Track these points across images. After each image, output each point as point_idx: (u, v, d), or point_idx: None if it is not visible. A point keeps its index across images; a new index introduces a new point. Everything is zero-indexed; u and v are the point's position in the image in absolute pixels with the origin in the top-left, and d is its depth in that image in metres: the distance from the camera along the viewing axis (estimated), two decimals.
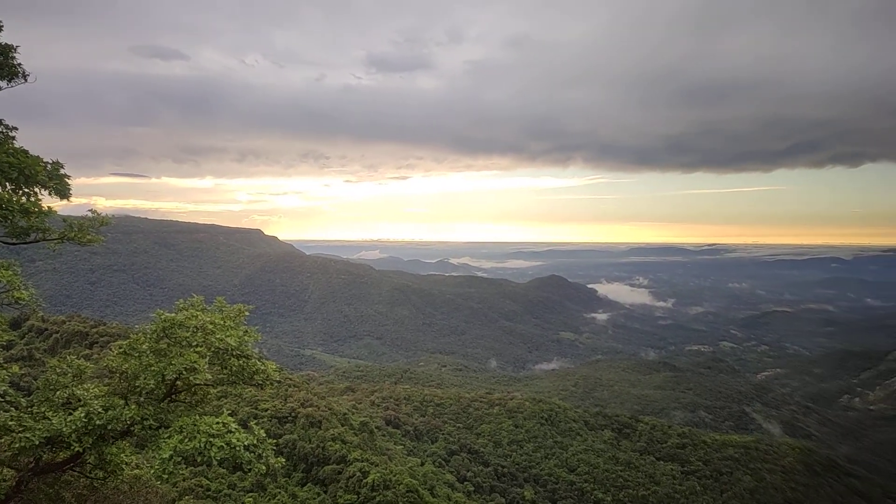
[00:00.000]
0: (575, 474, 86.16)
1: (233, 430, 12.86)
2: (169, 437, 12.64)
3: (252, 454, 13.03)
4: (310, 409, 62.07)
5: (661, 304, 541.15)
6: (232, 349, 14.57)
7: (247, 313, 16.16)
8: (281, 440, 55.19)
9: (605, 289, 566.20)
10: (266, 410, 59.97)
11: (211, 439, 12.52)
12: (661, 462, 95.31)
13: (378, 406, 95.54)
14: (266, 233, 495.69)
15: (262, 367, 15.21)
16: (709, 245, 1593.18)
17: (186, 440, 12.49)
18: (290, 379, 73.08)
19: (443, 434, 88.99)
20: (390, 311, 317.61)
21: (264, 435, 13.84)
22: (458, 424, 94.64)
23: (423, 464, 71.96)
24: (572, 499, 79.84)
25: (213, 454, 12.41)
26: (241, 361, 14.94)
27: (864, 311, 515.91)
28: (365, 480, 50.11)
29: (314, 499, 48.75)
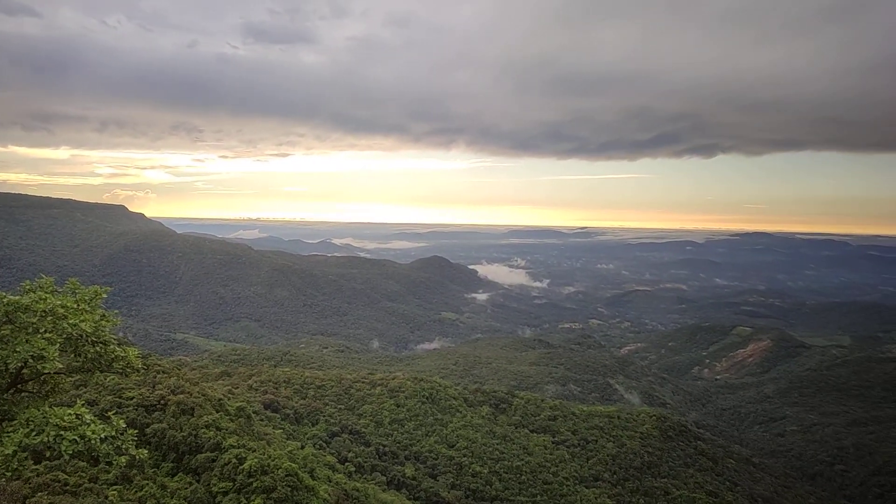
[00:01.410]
0: (454, 450, 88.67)
1: (87, 421, 11.89)
2: (13, 431, 11.50)
3: (110, 446, 12.14)
4: (181, 395, 58.91)
5: (537, 284, 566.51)
6: (87, 335, 13.42)
7: (104, 296, 14.96)
8: (148, 430, 52.01)
9: (485, 270, 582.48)
10: (131, 399, 56.12)
11: (62, 432, 11.51)
12: (535, 434, 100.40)
13: (256, 390, 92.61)
14: (131, 209, 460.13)
15: (123, 354, 14.17)
16: (581, 228, 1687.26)
17: (34, 434, 11.41)
18: (159, 365, 68.78)
19: (324, 416, 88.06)
20: (269, 293, 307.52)
21: (124, 426, 12.95)
22: (339, 406, 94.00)
23: (303, 447, 70.90)
24: (451, 473, 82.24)
25: (64, 448, 11.43)
26: (97, 348, 13.81)
27: (713, 289, 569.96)
28: (241, 467, 48.51)
29: (186, 488, 46.53)
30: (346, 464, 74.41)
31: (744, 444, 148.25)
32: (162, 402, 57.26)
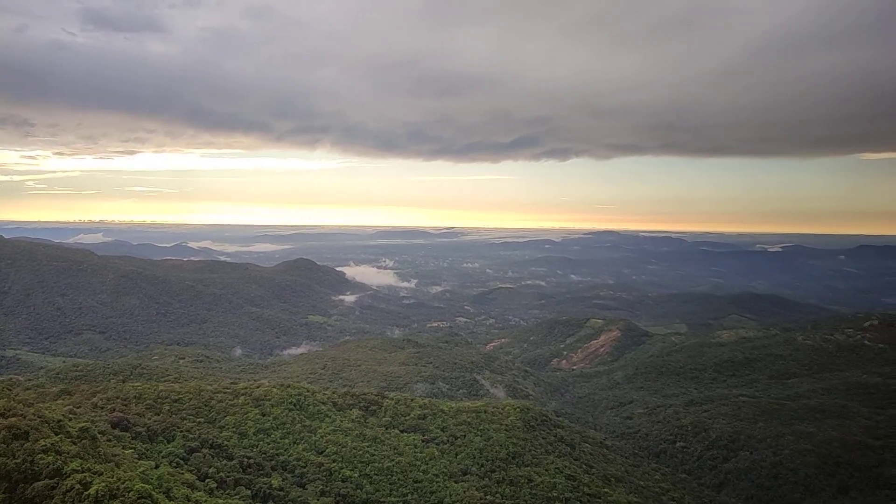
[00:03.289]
0: (324, 456, 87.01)
1: None
2: None
3: None
4: (12, 419, 52.58)
5: (405, 284, 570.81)
6: None
7: None
8: None
9: (353, 271, 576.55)
10: None
11: None
12: (405, 434, 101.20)
13: (102, 408, 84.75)
14: None
15: None
16: (448, 228, 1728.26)
17: None
18: None
19: (181, 431, 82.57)
20: (116, 302, 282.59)
21: None
22: (199, 419, 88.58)
23: (157, 466, 66.03)
24: (321, 480, 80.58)
25: None
26: None
27: (569, 285, 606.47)
28: (87, 492, 44.18)
29: None
30: (207, 480, 70.37)
31: (598, 428, 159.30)
32: None
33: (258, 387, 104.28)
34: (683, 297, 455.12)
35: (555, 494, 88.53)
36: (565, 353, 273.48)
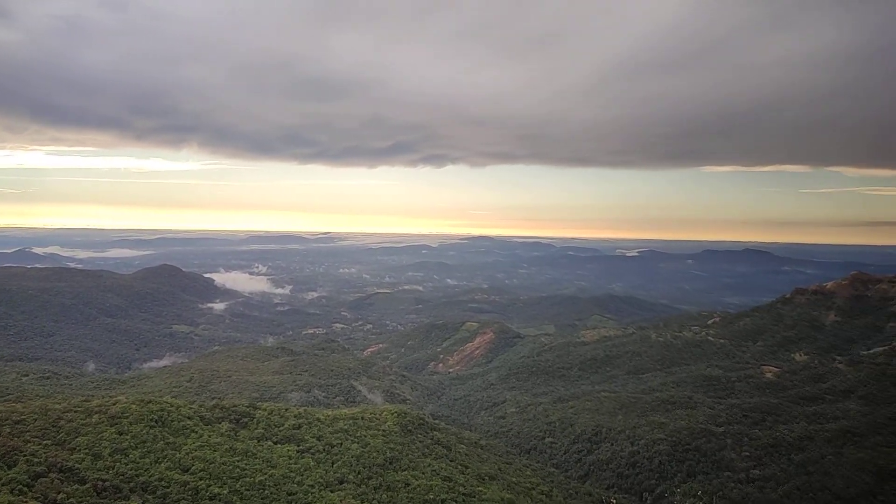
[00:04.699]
0: (189, 474, 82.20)
1: None
2: None
3: None
4: None
5: (280, 290, 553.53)
6: None
7: None
8: None
9: (223, 278, 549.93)
10: None
11: None
12: (279, 445, 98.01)
13: None
14: None
15: None
16: (324, 233, 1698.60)
17: None
18: None
19: (24, 456, 74.57)
20: None
21: None
22: (45, 442, 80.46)
23: None
24: (186, 499, 76.04)
25: None
26: None
27: (445, 289, 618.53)
28: None
29: None
30: None
31: (473, 428, 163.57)
32: None
33: (114, 404, 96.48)
34: (552, 300, 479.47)
35: (431, 497, 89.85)
36: (442, 356, 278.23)
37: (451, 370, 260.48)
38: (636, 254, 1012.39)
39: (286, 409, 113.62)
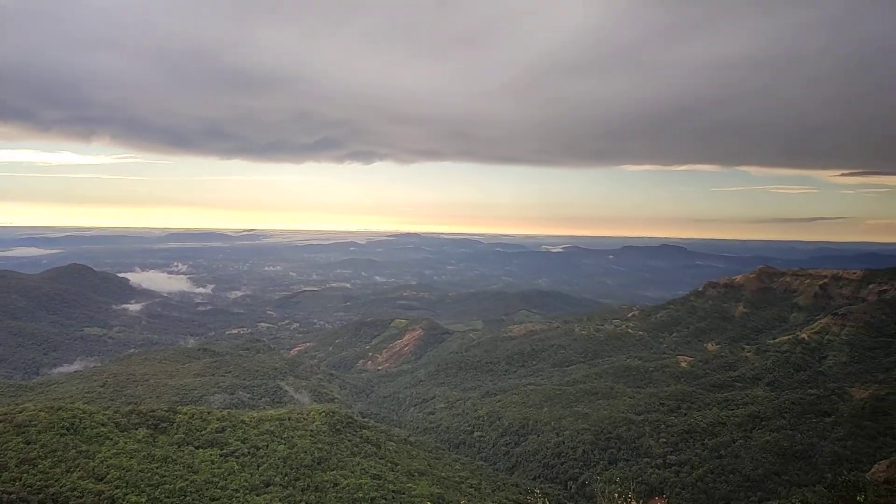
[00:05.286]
0: (104, 483, 78.16)
1: None
2: None
3: None
4: None
5: (201, 290, 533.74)
6: None
7: None
8: None
9: (139, 277, 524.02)
10: None
11: None
12: (201, 450, 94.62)
13: None
14: None
15: None
16: (248, 230, 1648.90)
17: None
18: None
19: None
20: None
21: None
22: None
23: None
24: None
25: None
26: None
27: (374, 286, 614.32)
28: None
29: None
30: None
31: (402, 425, 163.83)
32: None
33: (21, 412, 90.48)
34: (480, 296, 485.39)
35: (360, 495, 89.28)
36: (371, 353, 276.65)
37: (380, 367, 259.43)
38: (561, 250, 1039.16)
39: (208, 413, 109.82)
